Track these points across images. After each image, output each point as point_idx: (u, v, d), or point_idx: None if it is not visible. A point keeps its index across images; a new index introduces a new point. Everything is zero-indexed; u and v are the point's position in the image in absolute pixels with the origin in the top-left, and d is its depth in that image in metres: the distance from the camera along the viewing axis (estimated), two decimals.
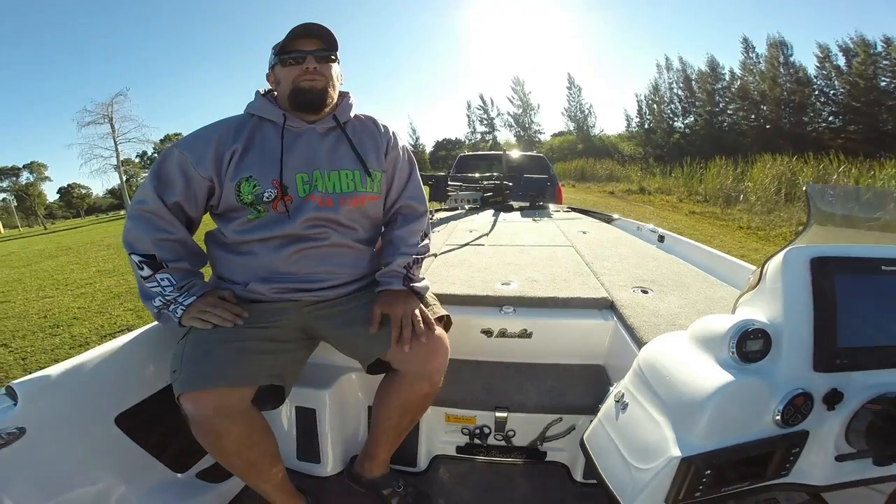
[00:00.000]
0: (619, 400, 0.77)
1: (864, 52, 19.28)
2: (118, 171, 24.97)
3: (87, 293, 5.21)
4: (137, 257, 1.00)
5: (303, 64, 1.02)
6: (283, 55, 1.03)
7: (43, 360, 3.21)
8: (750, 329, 0.60)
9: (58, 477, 0.91)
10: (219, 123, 1.08)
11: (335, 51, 1.06)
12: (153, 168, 1.04)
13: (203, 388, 0.89)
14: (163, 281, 1.00)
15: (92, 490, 0.96)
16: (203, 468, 1.19)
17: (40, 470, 0.88)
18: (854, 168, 9.18)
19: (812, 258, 0.61)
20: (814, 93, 21.43)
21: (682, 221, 7.78)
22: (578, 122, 32.77)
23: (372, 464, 1.15)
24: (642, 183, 14.12)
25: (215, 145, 1.02)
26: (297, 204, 1.04)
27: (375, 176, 1.11)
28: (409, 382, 1.03)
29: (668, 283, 1.49)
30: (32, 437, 0.85)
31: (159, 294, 1.00)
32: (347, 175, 1.08)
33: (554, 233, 2.45)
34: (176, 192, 1.02)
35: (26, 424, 0.85)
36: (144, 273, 1.00)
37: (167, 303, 1.01)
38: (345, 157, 1.09)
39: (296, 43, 1.02)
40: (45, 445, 0.89)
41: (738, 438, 0.60)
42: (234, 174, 1.02)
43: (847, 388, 0.62)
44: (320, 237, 1.05)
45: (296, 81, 1.03)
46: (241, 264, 1.06)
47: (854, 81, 19.52)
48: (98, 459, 0.99)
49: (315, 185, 1.05)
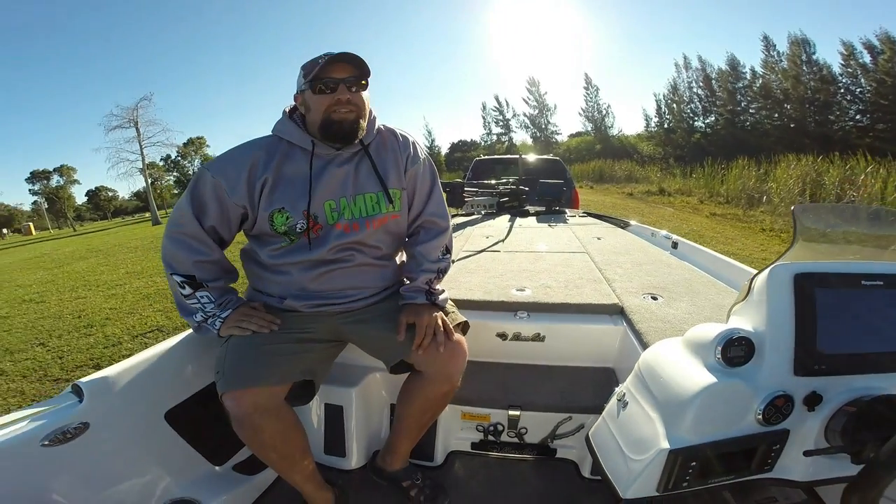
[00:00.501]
0: (620, 399, 0.84)
1: (891, 48, 18.49)
2: (143, 174, 25.71)
3: (118, 294, 5.44)
4: (179, 277, 1.07)
5: (335, 93, 1.03)
6: (315, 82, 1.03)
7: (79, 358, 3.38)
8: (735, 337, 0.67)
9: (113, 468, 1.00)
10: (248, 147, 1.10)
11: (367, 77, 1.07)
12: (189, 191, 1.07)
13: (242, 388, 0.98)
14: (202, 298, 1.08)
15: (141, 481, 1.05)
16: (239, 461, 1.28)
17: (99, 461, 0.97)
18: (882, 168, 8.79)
19: (796, 274, 0.67)
20: (839, 91, 20.59)
21: (703, 224, 7.68)
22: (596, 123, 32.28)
23: (393, 458, 1.23)
24: (662, 184, 13.92)
25: (248, 173, 1.06)
26: (325, 231, 1.10)
27: (396, 195, 1.15)
28: (431, 382, 1.11)
29: (679, 289, 1.54)
30: (95, 431, 0.95)
31: (200, 310, 1.09)
32: (371, 198, 1.12)
33: (569, 239, 2.49)
34: (211, 216, 1.07)
35: (90, 420, 0.94)
36: (185, 292, 1.08)
37: (207, 317, 1.09)
38: (368, 180, 1.13)
39: (328, 70, 1.02)
40: (106, 439, 0.98)
41: (723, 434, 0.67)
42: (266, 205, 1.06)
43: (826, 391, 0.68)
44: (347, 259, 1.13)
45: (327, 111, 1.04)
46: (276, 282, 1.14)
47: (881, 79, 18.71)
48: (148, 452, 1.08)
49: (342, 212, 1.10)
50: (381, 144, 1.17)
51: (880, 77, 18.75)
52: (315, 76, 1.02)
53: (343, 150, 1.11)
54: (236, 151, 1.09)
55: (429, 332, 1.09)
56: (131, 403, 1.05)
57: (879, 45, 19.01)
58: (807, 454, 0.67)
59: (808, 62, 21.34)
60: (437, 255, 1.21)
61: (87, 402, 0.95)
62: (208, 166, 1.08)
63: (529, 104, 35.37)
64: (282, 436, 1.03)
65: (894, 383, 0.67)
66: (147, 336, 3.77)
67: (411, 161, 1.18)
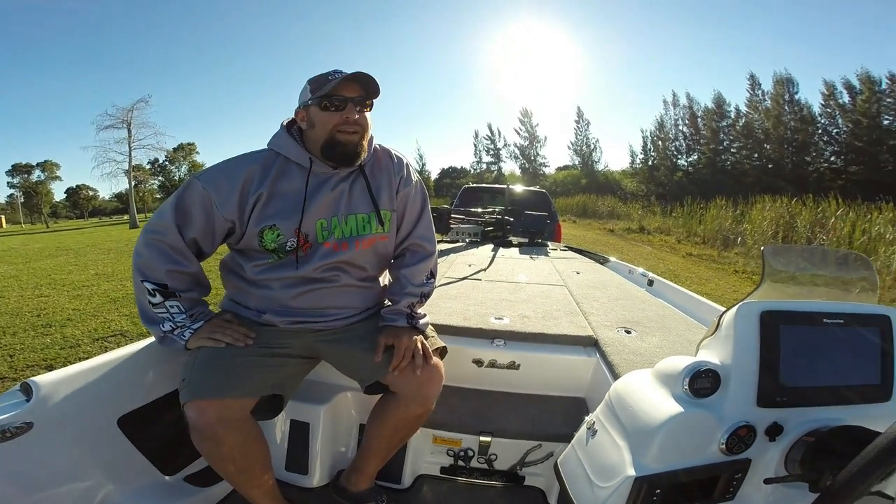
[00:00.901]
0: (590, 427, 0.84)
1: (869, 88, 19.16)
2: (128, 176, 25.20)
3: (84, 295, 5.23)
4: (150, 285, 1.02)
5: (343, 112, 1.02)
6: (324, 98, 1.01)
7: (31, 358, 3.21)
8: (702, 369, 0.69)
9: (53, 470, 0.95)
10: (244, 160, 1.07)
11: (375, 97, 1.06)
12: (175, 199, 1.03)
13: (208, 398, 0.95)
14: (172, 308, 1.04)
15: (81, 486, 1.00)
16: (191, 472, 1.23)
17: (39, 463, 0.93)
18: (851, 211, 9.16)
19: (762, 311, 0.70)
20: (817, 131, 21.24)
21: (679, 263, 7.87)
22: (584, 157, 33.21)
23: (359, 477, 1.19)
24: (642, 222, 14.29)
25: (241, 188, 1.03)
26: (313, 249, 1.09)
27: (386, 216, 1.15)
28: (405, 404, 1.10)
29: (652, 324, 1.58)
30: (39, 431, 0.91)
31: (167, 320, 1.04)
32: (363, 218, 1.12)
33: (549, 271, 2.54)
34: (195, 228, 1.04)
35: (35, 420, 0.90)
36: (155, 300, 1.03)
37: (175, 327, 1.04)
38: (361, 200, 1.12)
39: (340, 88, 1.01)
40: (49, 440, 0.94)
41: (687, 463, 0.68)
42: (258, 220, 1.04)
43: (787, 422, 0.70)
44: (332, 279, 1.11)
45: (333, 131, 1.03)
46: (257, 296, 1.11)
47: (857, 119, 19.38)
48: (94, 457, 1.03)
49: (333, 230, 1.09)
50: (376, 164, 1.17)
51: (857, 118, 19.27)
52: (325, 93, 1.01)
53: (340, 169, 1.10)
54: (232, 164, 1.06)
55: (407, 355, 1.08)
56: (83, 406, 1.00)
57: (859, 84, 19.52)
58: (767, 482, 0.68)
59: (791, 102, 21.98)
60: (422, 280, 1.20)
61: (34, 402, 0.91)
62: (199, 176, 1.04)
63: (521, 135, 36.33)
64: (243, 449, 1.00)
65: (851, 414, 0.70)
66: (109, 340, 3.62)
67: (404, 183, 1.19)
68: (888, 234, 7.56)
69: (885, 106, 18.98)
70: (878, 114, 19.05)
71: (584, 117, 33.76)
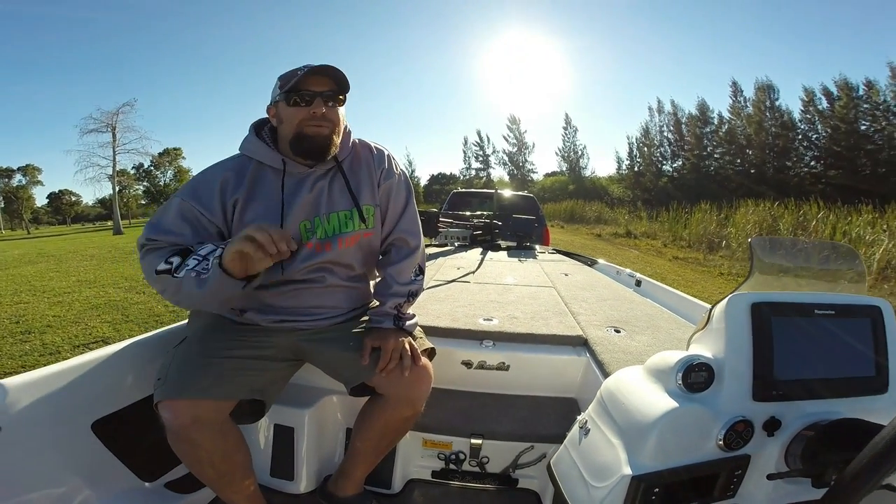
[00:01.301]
0: (582, 426, 0.82)
1: (847, 94, 19.60)
2: (112, 181, 24.77)
3: (65, 302, 5.11)
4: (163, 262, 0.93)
5: (310, 106, 0.99)
6: (291, 93, 0.99)
7: (9, 365, 3.13)
8: (695, 363, 0.68)
9: (23, 476, 0.91)
10: (217, 169, 1.05)
11: (345, 92, 1.04)
12: (154, 221, 1.00)
13: (182, 397, 0.91)
14: (191, 262, 0.92)
15: (55, 492, 0.96)
16: (172, 479, 1.20)
17: (7, 467, 0.89)
18: (832, 214, 9.46)
19: (752, 303, 0.69)
20: (797, 137, 21.74)
21: (666, 267, 7.96)
22: (571, 163, 33.59)
23: (347, 483, 1.16)
24: (629, 227, 14.45)
25: (219, 194, 1.01)
26: (300, 251, 1.05)
27: (369, 212, 1.12)
28: (393, 406, 1.06)
29: (641, 323, 1.57)
30: (6, 435, 0.87)
31: (194, 263, 0.91)
32: (345, 215, 1.09)
33: (537, 273, 2.53)
34: (185, 236, 0.99)
35: (2, 423, 0.86)
36: (175, 264, 0.92)
37: (202, 259, 0.92)
38: (341, 197, 1.09)
39: (306, 82, 0.98)
40: (18, 444, 0.90)
41: (685, 460, 0.66)
42: (238, 226, 1.02)
43: (784, 416, 0.69)
44: (318, 280, 1.09)
45: (300, 125, 1.00)
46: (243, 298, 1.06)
47: (836, 125, 19.83)
48: (68, 462, 0.99)
49: (315, 230, 1.07)
50: (355, 159, 1.14)
51: (835, 124, 19.73)
52: (291, 87, 0.98)
53: (316, 167, 1.07)
54: (206, 174, 1.05)
55: (394, 357, 1.04)
56: (55, 409, 0.96)
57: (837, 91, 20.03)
58: (770, 478, 0.67)
59: (772, 108, 22.49)
60: (409, 277, 1.17)
61: (2, 404, 0.87)
62: (177, 194, 1.02)
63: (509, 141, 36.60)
64: (221, 453, 0.96)
65: (848, 407, 0.69)
66: (90, 346, 3.53)
67: (385, 175, 1.15)
68: (867, 235, 7.78)
69: (862, 112, 19.47)
70: (855, 119, 19.53)
71: (572, 124, 34.23)
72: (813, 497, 0.64)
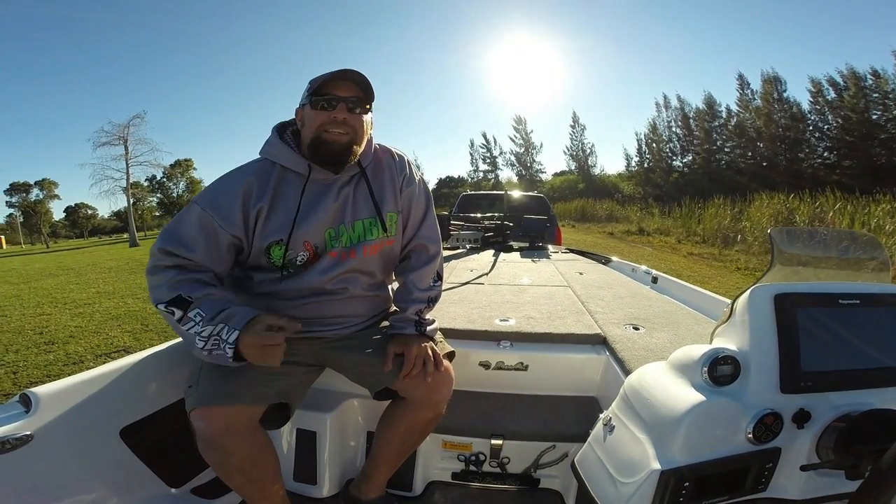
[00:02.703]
0: (606, 423, 0.82)
1: (855, 84, 19.23)
2: (126, 193, 25.25)
3: (86, 313, 5.23)
4: (163, 306, 0.93)
5: (332, 111, 0.97)
6: (315, 96, 0.98)
7: (35, 375, 3.21)
8: (720, 356, 0.67)
9: (54, 484, 0.93)
10: (239, 175, 1.01)
11: (371, 100, 1.02)
12: (170, 228, 0.98)
13: (216, 405, 0.92)
14: (195, 317, 0.91)
15: (84, 499, 0.98)
16: (198, 484, 1.21)
17: (39, 476, 0.90)
18: (850, 205, 9.24)
19: (775, 294, 0.69)
20: (808, 128, 21.34)
21: (680, 263, 7.86)
22: (580, 162, 33.30)
23: (369, 486, 1.17)
24: (641, 224, 14.30)
25: (242, 202, 0.98)
26: (323, 260, 1.06)
27: (392, 219, 1.12)
28: (415, 409, 1.08)
29: (659, 320, 1.56)
30: (39, 443, 0.89)
31: (197, 335, 0.91)
32: (369, 223, 1.09)
33: (552, 273, 2.52)
34: (198, 252, 0.97)
35: (34, 432, 0.88)
36: (177, 316, 0.92)
37: (207, 343, 0.91)
38: (364, 205, 1.09)
39: (330, 86, 0.97)
40: (50, 453, 0.92)
41: (714, 454, 0.66)
42: (262, 237, 1.00)
43: (814, 408, 0.68)
44: (340, 291, 1.09)
45: (319, 129, 0.98)
46: (263, 306, 1.05)
47: (847, 115, 19.44)
48: (97, 470, 1.01)
49: (340, 238, 1.06)
50: (378, 165, 1.13)
51: (846, 114, 19.32)
52: (316, 90, 0.97)
53: (341, 173, 1.06)
54: (226, 181, 1.01)
55: (417, 363, 1.05)
56: (84, 418, 0.98)
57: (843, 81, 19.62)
58: (804, 469, 0.66)
59: (780, 100, 22.05)
60: (429, 283, 1.18)
61: (34, 414, 0.89)
62: (197, 199, 0.99)
63: (516, 142, 36.44)
64: (252, 459, 0.97)
65: (878, 398, 0.68)
66: (111, 356, 3.60)
67: (407, 182, 1.15)
68: (888, 225, 7.58)
69: (872, 101, 19.09)
70: (866, 108, 19.12)
71: (580, 122, 33.92)
72: (847, 489, 0.63)
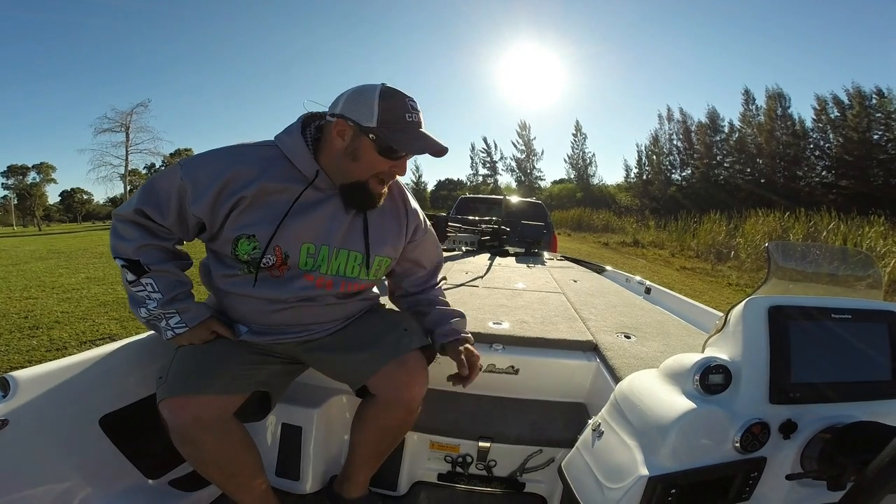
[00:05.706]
0: (595, 429, 0.82)
1: (859, 103, 19.31)
2: (124, 180, 25.12)
3: (73, 298, 5.15)
4: (121, 261, 0.94)
5: (397, 164, 0.96)
6: (391, 148, 0.93)
7: (16, 360, 3.15)
8: (712, 364, 0.68)
9: (28, 471, 0.91)
10: (237, 157, 0.95)
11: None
12: (151, 183, 0.95)
13: (182, 395, 0.89)
14: (147, 286, 0.94)
15: (58, 487, 0.96)
16: (177, 476, 1.19)
17: (13, 462, 0.89)
18: (843, 225, 9.33)
19: (769, 307, 0.69)
20: (808, 146, 21.46)
21: (673, 276, 7.89)
22: (579, 171, 33.48)
23: (351, 485, 1.15)
24: (637, 235, 14.35)
25: (220, 186, 0.92)
26: (294, 275, 0.99)
27: (382, 263, 1.09)
28: (386, 408, 1.05)
29: (651, 330, 1.56)
30: (14, 428, 0.87)
31: (146, 299, 0.95)
32: (355, 258, 1.04)
33: (546, 279, 2.53)
34: (168, 217, 0.95)
35: (10, 417, 0.87)
36: (129, 277, 0.94)
37: (151, 317, 0.96)
38: (357, 237, 1.04)
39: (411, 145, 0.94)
40: (25, 438, 0.90)
41: (701, 461, 0.66)
42: (234, 226, 0.94)
43: (801, 419, 0.69)
44: (314, 298, 1.04)
45: (370, 173, 0.96)
46: (233, 308, 1.04)
47: (847, 135, 19.55)
48: (74, 458, 0.99)
49: (320, 263, 1.00)
50: (388, 206, 1.10)
51: (847, 133, 19.38)
52: (394, 141, 0.92)
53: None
54: (220, 156, 0.95)
55: (474, 363, 1.11)
56: (63, 404, 0.97)
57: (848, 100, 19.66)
58: (789, 478, 0.67)
59: (783, 116, 22.09)
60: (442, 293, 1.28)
61: (11, 398, 0.88)
62: (184, 163, 0.95)
63: (518, 147, 36.58)
64: (226, 453, 0.95)
65: (863, 411, 0.69)
66: (97, 343, 3.54)
67: (416, 232, 1.19)
68: (879, 247, 7.68)
69: (874, 120, 19.18)
70: (868, 128, 19.22)
71: (582, 131, 34.11)
72: (828, 500, 0.63)
